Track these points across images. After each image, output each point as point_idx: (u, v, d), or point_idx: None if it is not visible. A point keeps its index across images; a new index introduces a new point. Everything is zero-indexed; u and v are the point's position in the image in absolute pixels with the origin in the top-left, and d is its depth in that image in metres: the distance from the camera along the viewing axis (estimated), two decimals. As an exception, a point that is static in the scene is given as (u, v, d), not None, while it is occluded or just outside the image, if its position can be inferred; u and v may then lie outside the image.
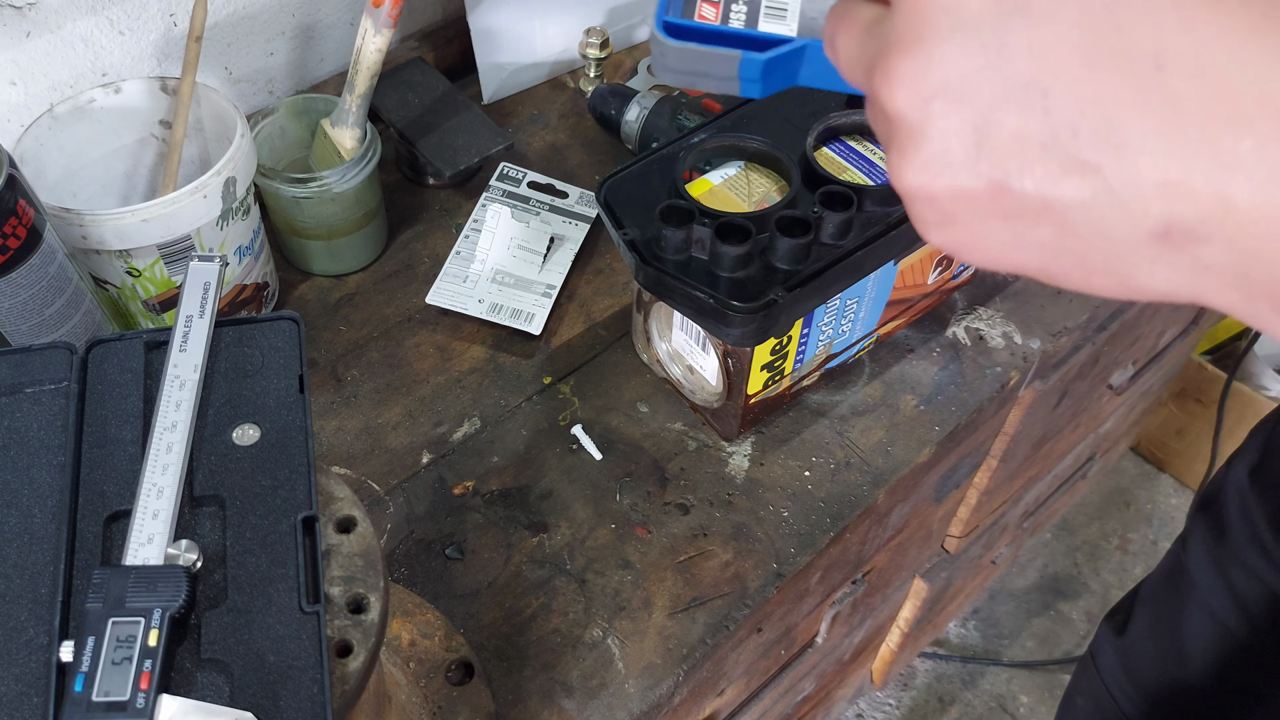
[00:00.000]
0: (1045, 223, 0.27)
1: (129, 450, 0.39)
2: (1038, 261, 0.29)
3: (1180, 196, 0.25)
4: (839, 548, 0.69)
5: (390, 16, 0.70)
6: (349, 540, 0.39)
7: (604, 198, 0.62)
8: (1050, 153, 0.26)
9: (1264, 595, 0.76)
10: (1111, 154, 0.26)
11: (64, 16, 0.71)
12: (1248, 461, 0.79)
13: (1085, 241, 0.27)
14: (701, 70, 0.35)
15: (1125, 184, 0.26)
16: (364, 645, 0.36)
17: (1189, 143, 0.25)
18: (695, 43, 0.35)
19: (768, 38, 0.35)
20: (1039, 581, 1.67)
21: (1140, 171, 0.25)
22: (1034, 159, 0.27)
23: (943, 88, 0.27)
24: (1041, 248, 0.28)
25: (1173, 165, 0.25)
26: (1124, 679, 0.91)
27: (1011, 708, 1.53)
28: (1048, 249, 0.28)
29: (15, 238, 0.54)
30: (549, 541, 0.64)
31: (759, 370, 0.64)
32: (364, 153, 0.73)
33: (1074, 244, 0.27)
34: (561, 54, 0.92)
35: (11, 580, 0.36)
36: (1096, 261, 0.28)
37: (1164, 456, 1.77)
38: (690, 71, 0.35)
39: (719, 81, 0.35)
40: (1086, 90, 0.26)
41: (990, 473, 1.00)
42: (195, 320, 0.42)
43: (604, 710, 0.58)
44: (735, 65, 0.35)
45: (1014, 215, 0.28)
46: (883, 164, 0.64)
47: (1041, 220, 0.27)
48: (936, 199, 0.29)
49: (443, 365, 0.72)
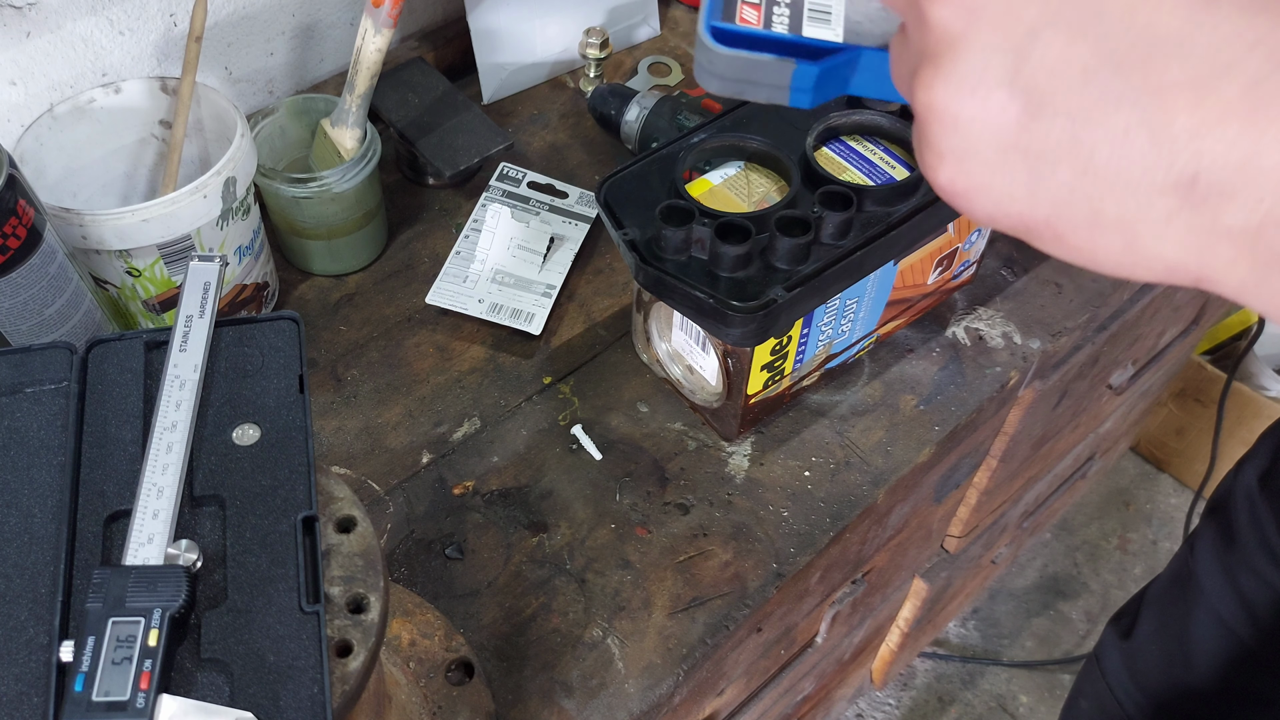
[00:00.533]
0: (1068, 161, 0.26)
1: (129, 450, 0.39)
2: (1048, 210, 0.27)
3: (1213, 147, 0.24)
4: (839, 548, 0.69)
5: (390, 16, 0.70)
6: (349, 540, 0.39)
7: (604, 198, 0.62)
8: (1092, 81, 0.25)
9: (1273, 601, 0.76)
10: (1153, 92, 0.25)
11: (64, 16, 0.71)
12: (1257, 467, 0.79)
13: (1105, 187, 0.26)
14: (751, 79, 0.33)
15: (1161, 126, 0.25)
16: (364, 645, 0.37)
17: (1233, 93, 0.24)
18: (746, 50, 0.33)
19: (817, 44, 0.33)
20: (1039, 581, 1.67)
21: (1177, 115, 0.24)
22: (1075, 86, 0.25)
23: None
24: (1056, 193, 0.27)
25: (1211, 114, 0.24)
26: (1129, 682, 0.91)
27: (1011, 708, 1.53)
28: (1062, 195, 0.27)
29: (15, 238, 0.54)
30: (549, 541, 0.64)
31: (759, 370, 0.64)
32: (364, 153, 0.73)
33: (1091, 190, 0.26)
34: (561, 54, 0.92)
35: (11, 580, 0.36)
36: (1110, 213, 0.26)
37: (1164, 456, 1.77)
38: (738, 80, 0.34)
39: (769, 90, 0.34)
40: (1140, 19, 0.25)
41: (990, 473, 1.00)
42: (195, 320, 0.42)
43: (604, 710, 0.58)
44: (789, 75, 0.33)
45: (1038, 149, 0.26)
46: (883, 164, 0.64)
47: (1065, 158, 0.26)
48: (961, 122, 0.27)
49: (443, 365, 0.72)
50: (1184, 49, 0.24)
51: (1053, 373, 0.88)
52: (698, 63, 0.34)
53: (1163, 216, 0.26)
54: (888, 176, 0.63)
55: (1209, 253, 0.26)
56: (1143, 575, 1.67)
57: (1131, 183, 0.25)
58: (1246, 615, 0.78)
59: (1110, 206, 0.26)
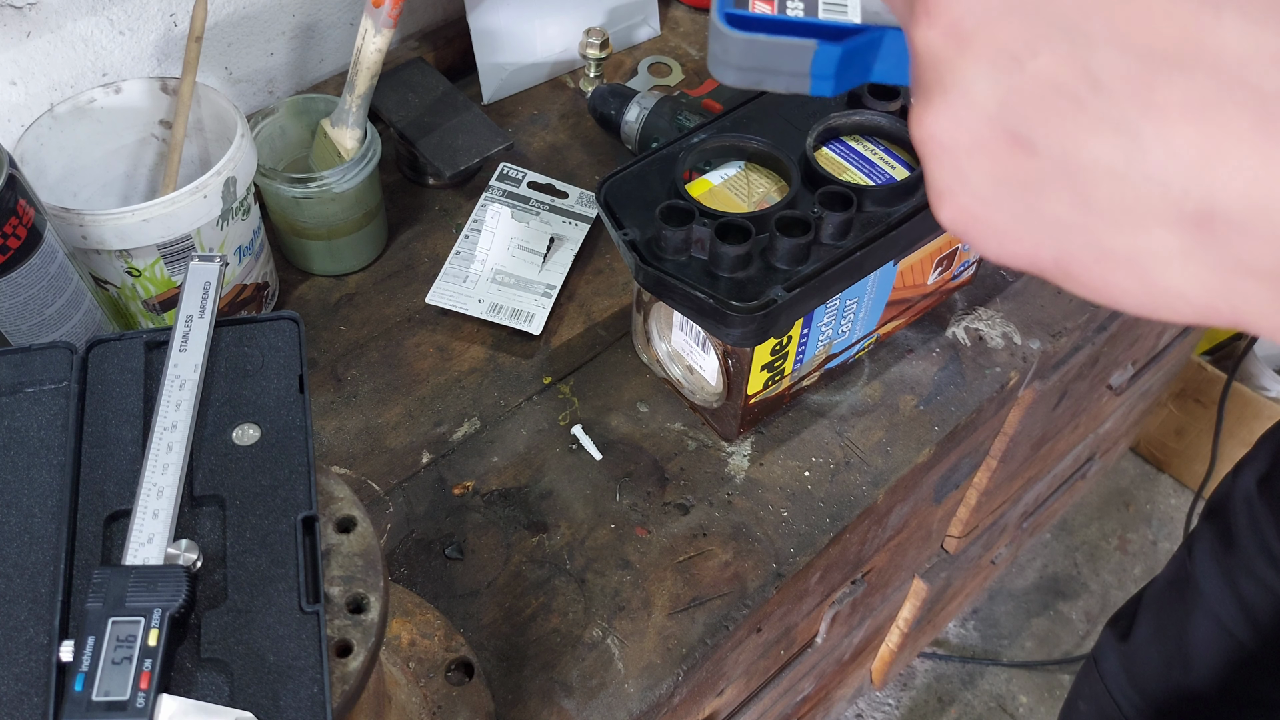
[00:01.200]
0: (1065, 195, 0.24)
1: (129, 450, 0.39)
2: (1052, 246, 0.25)
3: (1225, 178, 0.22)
4: (838, 548, 0.69)
5: (390, 16, 0.70)
6: (349, 540, 0.39)
7: (604, 198, 0.62)
8: (1083, 107, 0.23)
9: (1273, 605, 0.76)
10: (1153, 117, 0.22)
11: (64, 16, 0.71)
12: (1256, 470, 0.79)
13: (1107, 221, 0.24)
14: (770, 66, 0.32)
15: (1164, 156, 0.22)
16: (364, 645, 0.37)
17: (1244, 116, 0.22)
18: (763, 33, 0.31)
19: (838, 25, 0.31)
20: (1038, 582, 1.67)
21: (1183, 144, 0.22)
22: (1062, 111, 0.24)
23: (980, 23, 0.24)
24: (1057, 228, 0.25)
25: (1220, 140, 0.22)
26: (1127, 684, 0.91)
27: (1011, 708, 1.53)
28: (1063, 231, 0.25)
29: (15, 238, 0.54)
30: (549, 541, 0.64)
31: (759, 370, 0.64)
32: (364, 153, 0.73)
33: (1094, 225, 0.24)
34: (561, 54, 0.92)
35: (11, 580, 0.36)
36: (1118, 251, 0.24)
37: (1163, 457, 1.77)
38: (756, 68, 0.32)
39: (788, 79, 0.32)
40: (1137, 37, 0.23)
41: (990, 473, 1.00)
42: (195, 320, 0.42)
43: (604, 710, 0.58)
44: (809, 58, 0.31)
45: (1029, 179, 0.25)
46: (883, 164, 0.64)
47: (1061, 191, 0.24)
48: (953, 153, 0.26)
49: (443, 365, 0.72)
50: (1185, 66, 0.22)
51: (1052, 373, 0.88)
52: (712, 54, 0.32)
53: (1176, 254, 0.23)
54: (888, 176, 0.63)
55: (1237, 294, 0.23)
56: (1142, 576, 1.67)
57: (1136, 217, 0.23)
58: (1246, 618, 0.78)
59: (1117, 243, 0.24)
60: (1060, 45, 0.23)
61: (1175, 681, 0.86)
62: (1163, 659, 0.87)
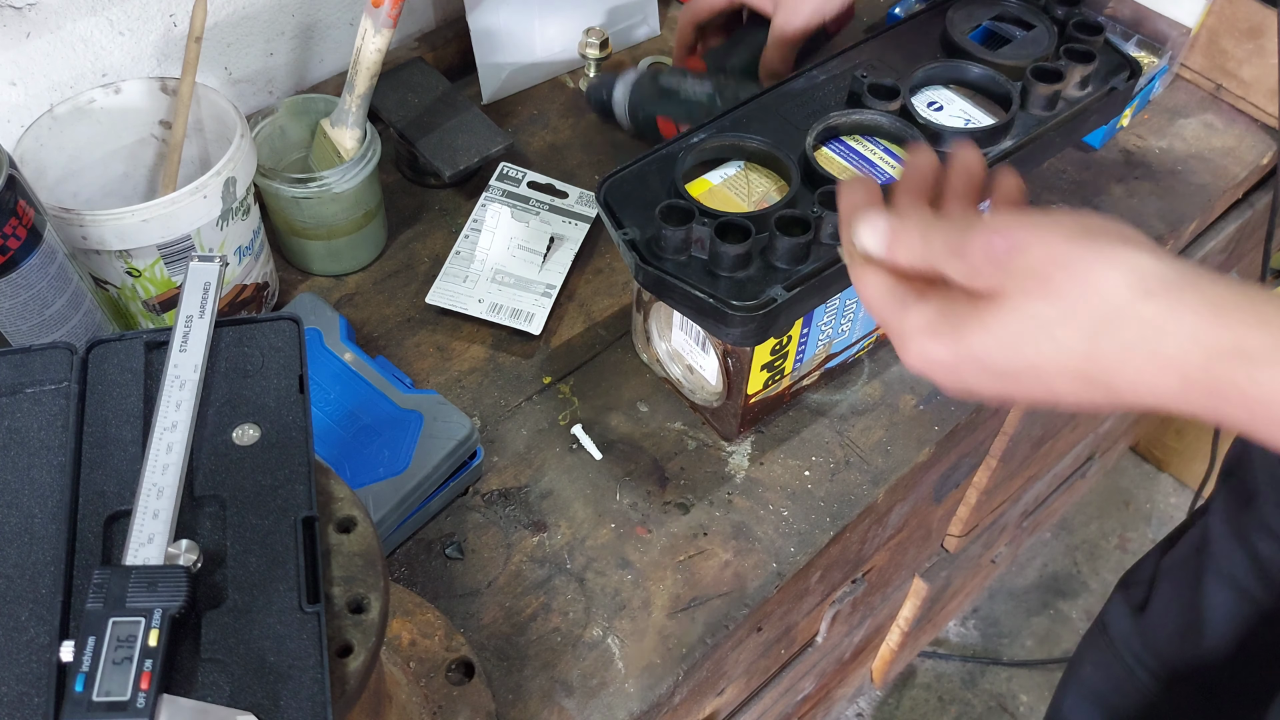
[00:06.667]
0: (1035, 393, 0.40)
1: (129, 450, 0.39)
2: (1025, 399, 0.41)
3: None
4: (838, 547, 0.69)
5: (390, 16, 0.70)
6: (349, 540, 0.39)
7: (604, 197, 0.62)
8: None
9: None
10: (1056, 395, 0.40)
11: (64, 17, 0.71)
12: None
13: (1071, 407, 0.40)
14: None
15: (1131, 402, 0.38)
16: (364, 645, 0.37)
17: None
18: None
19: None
20: (1038, 581, 1.67)
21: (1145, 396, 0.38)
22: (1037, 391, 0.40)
23: (939, 362, 0.42)
24: (1028, 396, 0.40)
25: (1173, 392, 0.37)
26: (1141, 648, 0.91)
27: (1011, 707, 1.53)
28: (1033, 398, 0.40)
29: (15, 238, 0.54)
30: (549, 541, 0.64)
31: (759, 370, 0.64)
32: (364, 153, 0.73)
33: (1055, 399, 0.40)
34: (561, 54, 0.92)
35: (12, 580, 0.36)
36: (1083, 400, 0.39)
37: (1163, 456, 1.77)
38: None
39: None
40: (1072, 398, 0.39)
41: (990, 472, 1.00)
42: (195, 320, 0.42)
43: (604, 710, 0.58)
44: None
45: (1005, 384, 0.41)
46: (882, 163, 0.64)
47: (1030, 392, 0.40)
48: (926, 370, 0.43)
49: (443, 365, 0.72)
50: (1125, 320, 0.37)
51: (1052, 372, 0.87)
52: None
53: (1170, 401, 0.37)
54: (887, 176, 0.63)
55: (1223, 416, 0.37)
56: (1142, 575, 1.66)
57: (1084, 405, 0.40)
58: (1261, 577, 0.78)
59: (1112, 404, 0.39)
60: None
61: (1190, 643, 0.86)
62: (1179, 622, 0.87)
